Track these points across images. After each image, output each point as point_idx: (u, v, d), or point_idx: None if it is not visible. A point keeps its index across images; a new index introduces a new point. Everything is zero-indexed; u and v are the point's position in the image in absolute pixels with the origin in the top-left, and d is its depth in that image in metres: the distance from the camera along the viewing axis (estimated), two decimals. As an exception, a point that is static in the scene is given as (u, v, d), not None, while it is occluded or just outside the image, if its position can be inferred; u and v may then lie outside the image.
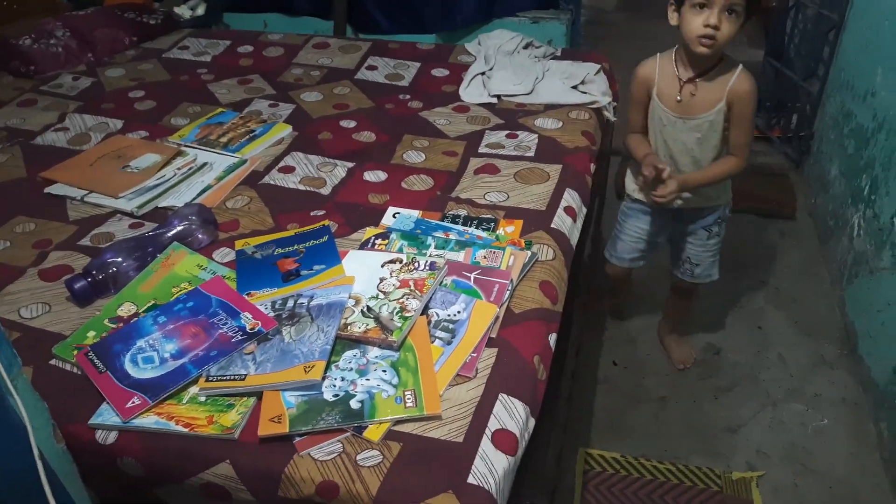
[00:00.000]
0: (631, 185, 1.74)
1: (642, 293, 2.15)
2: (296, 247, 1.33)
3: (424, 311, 1.15)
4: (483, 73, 1.99)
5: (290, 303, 1.18)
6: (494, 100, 1.90)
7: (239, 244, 1.36)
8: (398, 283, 1.19)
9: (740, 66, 1.46)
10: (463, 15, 2.60)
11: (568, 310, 1.33)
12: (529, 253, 1.31)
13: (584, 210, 1.53)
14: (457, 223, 1.41)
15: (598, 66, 1.99)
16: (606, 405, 1.86)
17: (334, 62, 2.17)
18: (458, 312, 1.15)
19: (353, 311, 1.14)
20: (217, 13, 2.90)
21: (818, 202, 2.50)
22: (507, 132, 1.75)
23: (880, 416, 1.74)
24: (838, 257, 2.20)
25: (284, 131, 1.79)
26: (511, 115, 1.83)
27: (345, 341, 1.10)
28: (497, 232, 1.38)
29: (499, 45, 2.10)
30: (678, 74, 1.51)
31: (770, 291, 2.24)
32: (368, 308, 1.14)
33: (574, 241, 1.43)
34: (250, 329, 1.11)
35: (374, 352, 1.08)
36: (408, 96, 1.95)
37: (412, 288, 1.17)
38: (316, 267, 1.26)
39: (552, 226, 1.41)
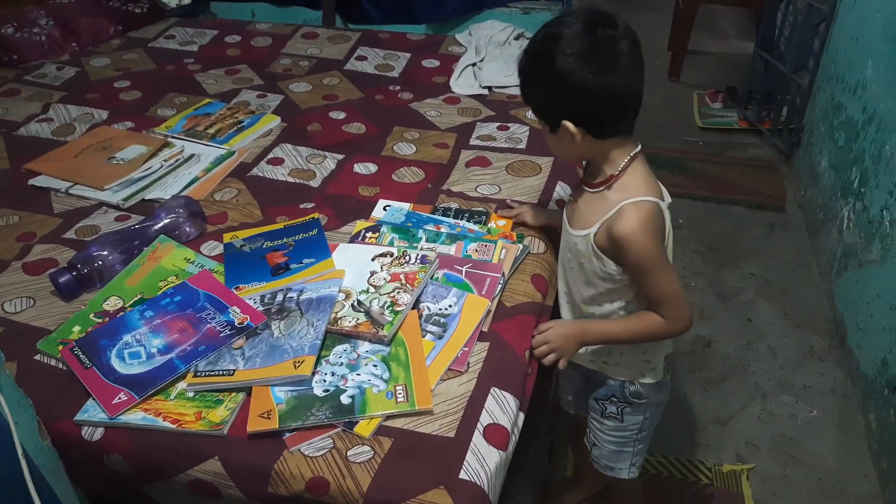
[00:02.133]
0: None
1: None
2: (285, 240, 1.32)
3: (415, 305, 1.14)
4: (474, 65, 1.97)
5: (280, 297, 1.16)
6: (485, 91, 1.89)
7: (227, 237, 1.34)
8: (389, 277, 1.18)
9: (637, 198, 0.98)
10: (454, 5, 2.58)
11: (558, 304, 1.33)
12: (521, 246, 1.30)
13: (576, 202, 1.52)
14: (448, 216, 1.40)
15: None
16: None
17: (323, 52, 2.15)
18: (450, 306, 1.14)
19: (344, 306, 1.13)
20: (204, 2, 2.86)
21: (808, 194, 2.50)
22: (499, 124, 1.73)
23: (868, 406, 1.75)
24: (828, 249, 2.21)
25: (273, 122, 1.77)
26: (502, 107, 1.82)
27: (335, 336, 1.09)
28: (489, 225, 1.37)
29: (490, 36, 2.08)
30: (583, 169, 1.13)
31: (759, 283, 2.24)
32: (359, 302, 1.13)
33: (566, 233, 1.42)
34: (239, 324, 1.10)
35: (364, 346, 1.07)
36: (398, 87, 1.93)
37: (403, 282, 1.16)
38: (305, 260, 1.24)
39: (544, 219, 1.40)
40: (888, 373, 1.66)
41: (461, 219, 1.39)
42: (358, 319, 1.09)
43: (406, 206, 1.43)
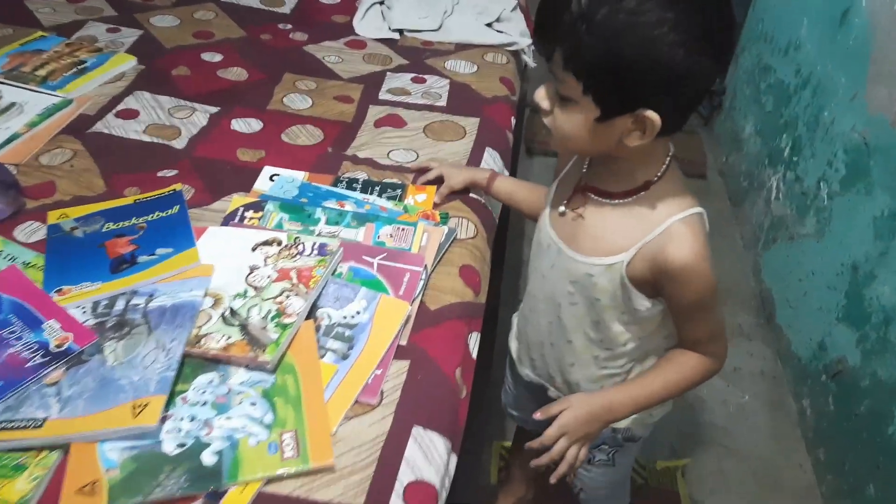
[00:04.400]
0: (515, 355, 1.06)
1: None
2: (133, 221, 0.99)
3: (311, 312, 0.87)
4: (381, 2, 1.66)
5: (121, 304, 0.85)
6: (396, 35, 1.59)
7: (53, 216, 1.00)
8: (275, 275, 0.89)
9: (684, 213, 0.75)
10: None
11: (491, 301, 1.09)
12: (446, 229, 1.04)
13: (507, 174, 1.28)
14: (354, 189, 1.12)
15: (515, 1, 1.72)
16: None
17: (196, -21, 1.75)
18: (358, 313, 0.87)
19: (211, 317, 0.83)
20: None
21: (730, 161, 2.40)
22: (413, 75, 1.45)
23: (802, 392, 1.66)
24: (753, 220, 2.11)
25: (126, 64, 1.39)
26: (416, 55, 1.53)
27: (197, 361, 0.79)
28: (405, 201, 1.11)
29: (400, -30, 1.76)
30: (584, 170, 0.85)
31: (685, 256, 2.12)
32: (232, 311, 0.84)
33: (497, 212, 1.18)
34: (56, 346, 0.78)
35: (239, 375, 0.78)
36: (289, 26, 1.59)
37: (294, 281, 0.88)
38: (160, 251, 0.93)
39: (471, 195, 1.14)
40: (826, 357, 1.57)
41: (371, 193, 1.11)
42: (230, 337, 0.80)
43: (300, 175, 1.14)
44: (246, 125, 1.26)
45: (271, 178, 1.12)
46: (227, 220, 1.01)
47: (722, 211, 2.32)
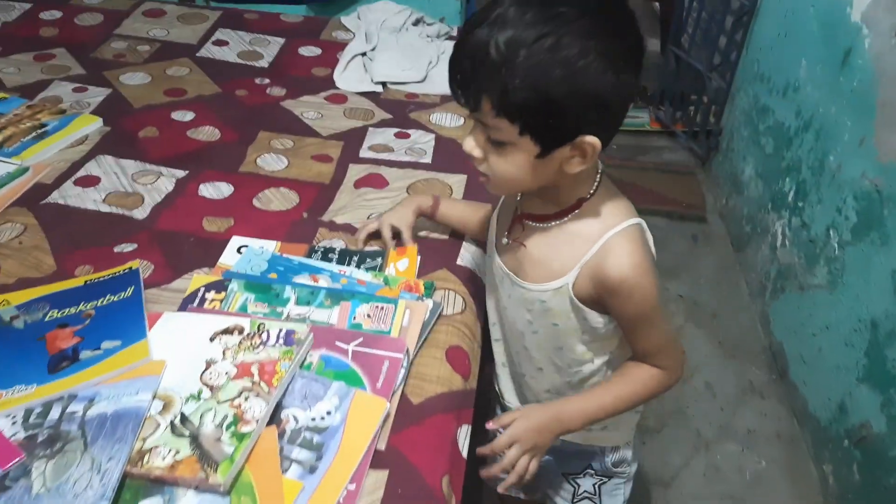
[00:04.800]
0: (500, 387, 1.00)
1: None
2: (81, 307, 0.89)
3: (275, 413, 0.76)
4: (364, 55, 1.59)
5: (56, 411, 0.74)
6: (379, 88, 1.51)
7: (-7, 303, 0.89)
8: (234, 371, 0.78)
9: (622, 226, 0.75)
10: (339, -17, 2.17)
11: (484, 381, 0.98)
12: (430, 303, 0.94)
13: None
14: (330, 260, 1.02)
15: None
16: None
17: (171, 34, 1.68)
18: (328, 413, 0.77)
19: (158, 425, 0.72)
20: (24, -32, 2.28)
21: (731, 204, 2.32)
22: (396, 130, 1.37)
23: (823, 456, 1.54)
24: (758, 267, 2.01)
25: (91, 125, 1.31)
26: (400, 108, 1.45)
27: (139, 483, 0.68)
28: (386, 271, 1.01)
29: (383, 21, 1.71)
30: (518, 199, 0.84)
31: (688, 306, 2.02)
32: (183, 418, 0.73)
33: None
34: (-26, 470, 0.67)
35: (188, 499, 0.67)
36: (267, 80, 1.52)
37: (256, 378, 0.77)
38: (106, 344, 0.82)
39: (458, 261, 1.05)
40: (847, 421, 1.45)
41: (348, 264, 1.01)
42: (178, 452, 0.69)
43: (271, 245, 1.04)
44: (215, 190, 1.17)
45: (239, 251, 1.03)
46: (186, 303, 0.91)
47: (724, 256, 2.22)
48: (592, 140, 0.68)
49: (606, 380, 0.86)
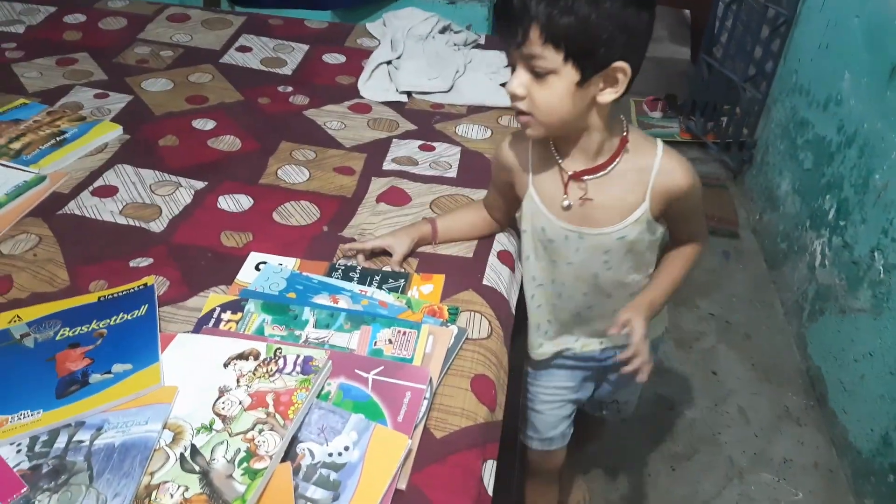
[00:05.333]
0: (536, 341, 1.07)
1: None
2: (94, 325, 0.85)
3: (290, 447, 0.71)
4: (389, 63, 1.55)
5: (62, 440, 0.70)
6: (404, 97, 1.47)
7: (4, 319, 0.86)
8: (248, 400, 0.74)
9: (660, 148, 0.87)
10: (365, -12, 2.13)
11: (510, 412, 0.93)
12: (455, 329, 0.89)
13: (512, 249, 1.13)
14: (351, 279, 0.98)
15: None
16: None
17: (194, 40, 1.66)
18: (347, 448, 0.72)
19: (168, 457, 0.68)
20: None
21: (765, 219, 2.24)
22: (421, 142, 1.32)
23: (864, 490, 1.46)
24: (795, 287, 1.93)
25: (110, 133, 1.28)
26: (425, 119, 1.40)
27: (145, 522, 0.64)
28: (409, 293, 0.96)
29: (409, 28, 1.66)
30: (560, 163, 0.90)
31: (720, 326, 1.95)
32: (194, 451, 0.69)
33: (513, 302, 1.02)
34: (-27, 504, 0.63)
35: (195, 542, 0.63)
36: (290, 88, 1.48)
37: (270, 409, 0.73)
38: (117, 367, 0.79)
39: (484, 282, 1.00)
40: (892, 454, 1.37)
41: (370, 284, 0.97)
42: (187, 489, 0.65)
43: (290, 262, 1.00)
44: (234, 202, 1.13)
45: (257, 267, 0.99)
46: (201, 324, 0.87)
47: (757, 273, 2.15)
48: (623, 65, 0.77)
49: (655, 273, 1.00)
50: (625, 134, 0.87)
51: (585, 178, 0.89)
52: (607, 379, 1.16)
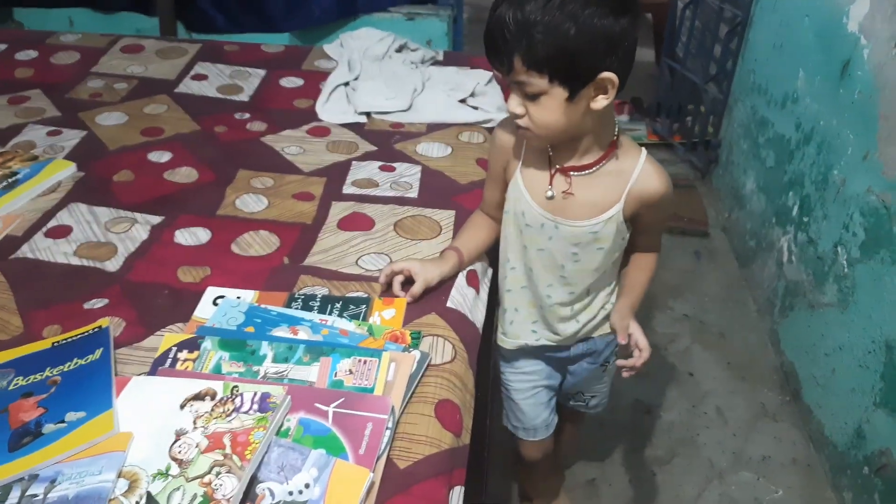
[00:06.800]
0: (501, 329, 1.13)
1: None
2: (47, 373, 0.83)
3: (249, 487, 0.70)
4: (347, 84, 1.55)
5: (15, 495, 0.68)
6: (363, 118, 1.46)
7: (-47, 372, 0.84)
8: (205, 442, 0.72)
9: (643, 155, 0.93)
10: (321, 8, 2.13)
11: (477, 437, 0.92)
12: (418, 354, 0.88)
13: (490, 273, 1.13)
14: (311, 308, 0.97)
15: (490, 74, 1.60)
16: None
17: (149, 70, 1.64)
18: (307, 486, 0.71)
19: (122, 509, 0.66)
20: (5, 7, 2.26)
21: (734, 217, 2.26)
22: (381, 163, 1.32)
23: (841, 483, 1.47)
24: (765, 284, 1.95)
25: (64, 171, 1.26)
26: (384, 139, 1.40)
27: (98, 580, 0.62)
28: (371, 320, 0.95)
29: (365, 48, 1.66)
30: (550, 156, 0.95)
31: (694, 326, 1.96)
32: (149, 500, 0.67)
33: (480, 324, 1.02)
34: (-83, 572, 0.61)
35: None
36: (247, 115, 1.47)
37: (227, 451, 0.71)
38: (70, 416, 0.77)
39: (448, 304, 0.99)
40: (866, 447, 1.39)
41: (330, 312, 0.96)
42: (142, 541, 0.63)
43: (249, 295, 0.99)
44: (191, 236, 1.12)
45: (214, 302, 0.97)
46: (157, 365, 0.85)
47: (729, 271, 2.16)
48: (609, 75, 0.81)
49: (614, 278, 1.08)
50: (615, 138, 0.92)
51: (572, 173, 0.94)
52: (569, 371, 1.20)
